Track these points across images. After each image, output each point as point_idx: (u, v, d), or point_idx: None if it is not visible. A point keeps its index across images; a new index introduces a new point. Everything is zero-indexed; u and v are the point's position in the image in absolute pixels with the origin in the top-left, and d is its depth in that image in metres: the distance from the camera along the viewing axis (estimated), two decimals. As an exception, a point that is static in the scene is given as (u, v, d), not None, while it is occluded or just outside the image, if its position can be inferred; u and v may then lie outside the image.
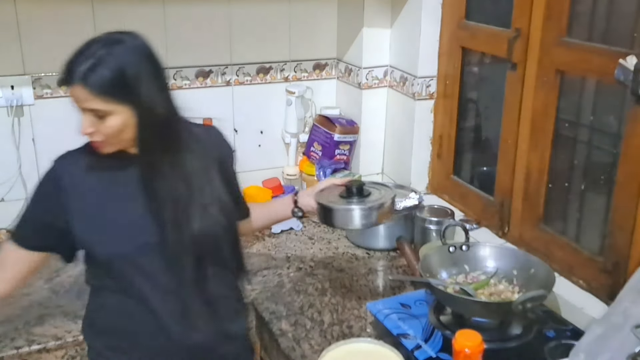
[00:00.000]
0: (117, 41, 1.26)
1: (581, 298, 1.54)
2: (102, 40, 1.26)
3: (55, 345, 1.59)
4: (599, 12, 1.64)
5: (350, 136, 2.34)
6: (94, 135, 1.29)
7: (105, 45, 1.24)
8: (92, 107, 1.24)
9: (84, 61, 1.22)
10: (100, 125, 1.27)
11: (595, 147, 1.68)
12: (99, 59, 1.22)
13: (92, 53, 1.23)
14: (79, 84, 1.22)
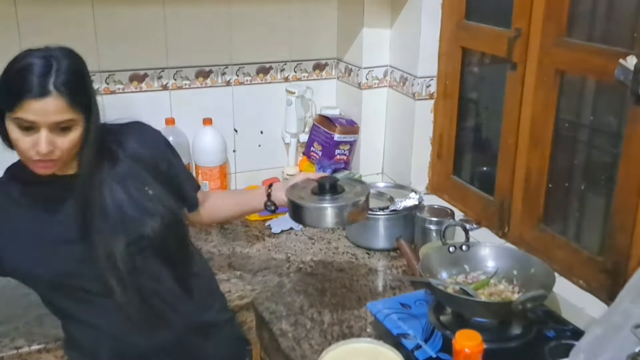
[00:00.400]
0: (68, 52, 1.27)
1: (581, 298, 1.54)
2: (54, 52, 1.24)
3: (55, 345, 1.59)
4: (599, 12, 1.64)
5: (350, 136, 2.34)
6: (51, 153, 1.23)
7: (66, 57, 1.25)
8: (63, 119, 1.21)
9: (52, 72, 1.20)
10: (60, 140, 1.23)
11: (595, 147, 1.68)
12: (66, 69, 1.22)
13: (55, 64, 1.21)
14: (56, 94, 1.19)
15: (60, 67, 1.21)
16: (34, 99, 1.18)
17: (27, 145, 1.21)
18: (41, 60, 1.21)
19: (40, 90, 1.18)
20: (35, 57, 1.22)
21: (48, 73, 1.19)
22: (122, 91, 2.14)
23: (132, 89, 2.16)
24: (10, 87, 1.20)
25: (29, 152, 1.22)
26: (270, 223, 2.18)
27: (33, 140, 1.21)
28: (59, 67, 1.21)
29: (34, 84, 1.18)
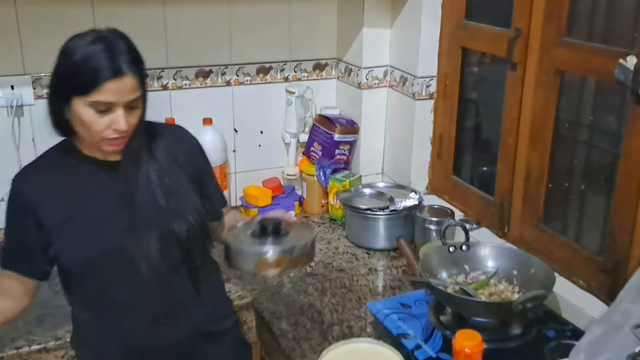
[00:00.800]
0: (118, 32, 1.30)
1: (581, 298, 1.54)
2: (107, 34, 1.28)
3: (55, 345, 1.59)
4: (599, 12, 1.64)
5: (350, 136, 2.34)
6: (126, 130, 1.28)
7: (121, 37, 1.28)
8: (135, 96, 1.27)
9: (118, 53, 1.24)
10: (130, 118, 1.28)
11: (595, 147, 1.68)
12: (127, 48, 1.26)
13: (120, 45, 1.26)
14: (130, 73, 1.24)
15: (121, 47, 1.25)
16: (111, 80, 1.22)
17: (103, 125, 1.26)
18: (101, 44, 1.24)
19: (115, 71, 1.22)
20: (92, 42, 1.24)
21: (116, 54, 1.23)
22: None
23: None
24: (81, 75, 1.23)
25: (105, 132, 1.27)
26: (270, 223, 2.18)
27: (109, 120, 1.25)
28: (122, 47, 1.25)
29: (108, 65, 1.22)
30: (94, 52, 1.23)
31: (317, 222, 2.26)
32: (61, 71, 1.27)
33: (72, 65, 1.24)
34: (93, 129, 1.27)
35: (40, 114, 2.04)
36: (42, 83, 2.05)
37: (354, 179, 2.23)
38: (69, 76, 1.25)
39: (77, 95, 1.24)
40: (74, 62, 1.24)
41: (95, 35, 1.26)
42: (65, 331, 1.62)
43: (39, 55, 2.02)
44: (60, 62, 1.27)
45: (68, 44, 1.26)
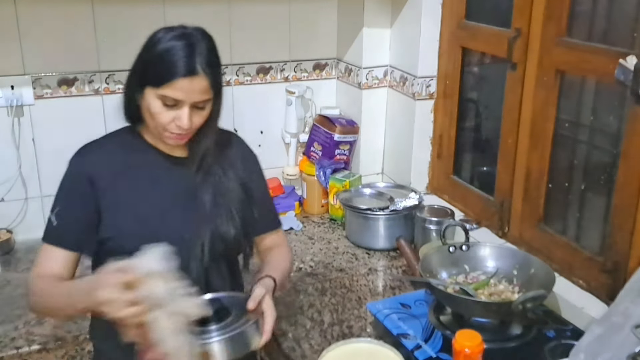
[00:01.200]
0: (203, 32, 1.31)
1: (581, 298, 1.54)
2: (192, 32, 1.29)
3: (55, 345, 1.59)
4: (599, 12, 1.64)
5: (350, 136, 2.34)
6: (189, 128, 1.30)
7: (204, 38, 1.29)
8: (204, 98, 1.28)
9: (197, 53, 1.25)
10: (195, 117, 1.30)
11: (595, 147, 1.68)
12: (207, 49, 1.27)
13: (197, 45, 1.26)
14: (202, 74, 1.25)
15: (202, 48, 1.27)
16: (184, 78, 1.24)
17: (168, 119, 1.28)
18: (183, 41, 1.26)
19: (189, 70, 1.24)
20: (176, 37, 1.26)
21: (194, 53, 1.25)
22: (122, 91, 2.13)
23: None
24: (157, 66, 1.26)
25: (169, 125, 1.29)
26: (270, 223, 2.18)
27: (175, 115, 1.27)
28: (202, 47, 1.27)
29: (183, 63, 1.24)
30: (174, 47, 1.25)
31: (317, 222, 2.26)
32: (142, 59, 1.30)
33: (152, 55, 1.27)
34: (158, 121, 1.29)
35: (40, 114, 2.07)
36: (42, 83, 2.05)
37: (354, 179, 2.23)
38: (147, 65, 1.28)
39: (150, 85, 1.27)
40: (154, 53, 1.27)
41: (181, 31, 1.28)
42: (65, 331, 1.62)
43: (39, 55, 2.02)
44: (144, 50, 1.30)
45: (155, 35, 1.29)
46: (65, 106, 2.09)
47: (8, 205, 2.10)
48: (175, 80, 1.24)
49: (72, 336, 1.61)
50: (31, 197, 2.12)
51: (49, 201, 2.11)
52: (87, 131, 2.13)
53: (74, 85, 2.08)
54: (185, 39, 1.26)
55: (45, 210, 2.14)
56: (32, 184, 2.11)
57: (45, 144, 2.10)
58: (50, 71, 2.05)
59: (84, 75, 2.09)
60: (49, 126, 2.08)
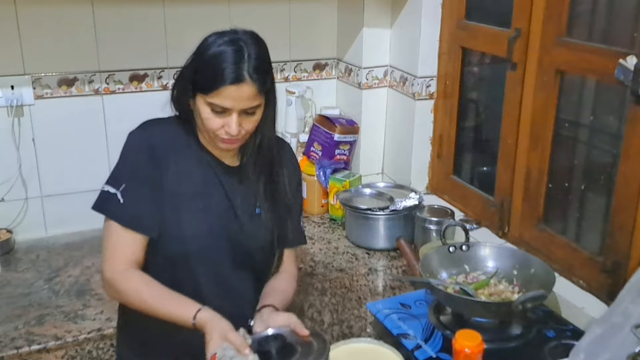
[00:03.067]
0: (255, 37, 1.31)
1: (581, 298, 1.54)
2: (242, 37, 1.29)
3: (55, 345, 1.59)
4: (599, 12, 1.64)
5: (350, 136, 2.34)
6: (239, 133, 1.30)
7: (254, 43, 1.29)
8: (253, 104, 1.28)
9: (245, 59, 1.25)
10: (246, 122, 1.30)
11: (595, 147, 1.68)
12: (256, 55, 1.27)
13: (246, 51, 1.26)
14: (250, 81, 1.25)
15: (251, 54, 1.26)
16: (230, 85, 1.24)
17: (217, 125, 1.29)
18: (233, 47, 1.26)
19: (236, 77, 1.24)
20: (226, 43, 1.26)
21: (241, 60, 1.25)
22: (122, 91, 2.14)
23: (132, 89, 2.16)
24: (205, 73, 1.26)
25: (218, 131, 1.30)
26: (270, 223, 2.18)
27: (223, 122, 1.28)
28: (250, 53, 1.26)
29: (232, 71, 1.24)
30: (222, 53, 1.25)
31: (317, 222, 2.26)
32: (193, 64, 1.30)
33: (201, 62, 1.28)
34: (208, 126, 1.29)
35: (40, 114, 2.07)
36: (42, 83, 2.05)
37: (354, 179, 2.23)
38: (197, 72, 1.28)
39: (199, 91, 1.27)
40: (203, 60, 1.27)
41: (231, 37, 1.28)
42: (65, 331, 1.62)
43: (39, 55, 2.02)
44: (195, 54, 1.30)
45: (206, 40, 1.29)
46: (65, 106, 2.09)
47: (8, 205, 2.10)
48: (223, 88, 1.24)
49: (72, 336, 1.61)
50: (31, 197, 2.12)
51: (49, 201, 2.14)
52: (87, 131, 2.15)
53: (74, 85, 2.09)
54: (234, 45, 1.26)
55: (46, 210, 2.15)
56: (32, 184, 2.11)
57: (45, 144, 2.10)
58: (50, 71, 2.05)
59: (84, 75, 2.09)
60: (49, 126, 2.08)
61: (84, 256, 2.03)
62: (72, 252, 2.06)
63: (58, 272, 1.93)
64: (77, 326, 1.65)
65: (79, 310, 1.72)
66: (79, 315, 1.70)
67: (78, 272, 1.93)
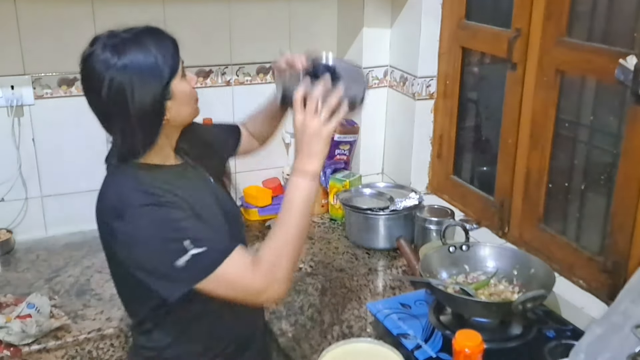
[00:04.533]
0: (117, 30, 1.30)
1: (581, 298, 1.54)
2: (129, 30, 1.27)
3: (55, 345, 1.59)
4: (599, 12, 1.64)
5: (350, 136, 2.34)
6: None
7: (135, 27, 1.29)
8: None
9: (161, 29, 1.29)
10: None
11: (595, 147, 1.68)
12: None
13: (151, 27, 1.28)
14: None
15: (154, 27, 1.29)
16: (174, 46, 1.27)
17: (192, 89, 1.30)
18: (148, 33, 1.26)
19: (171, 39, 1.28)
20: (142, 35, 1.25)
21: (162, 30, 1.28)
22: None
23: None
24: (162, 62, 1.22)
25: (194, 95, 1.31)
26: (270, 223, 2.18)
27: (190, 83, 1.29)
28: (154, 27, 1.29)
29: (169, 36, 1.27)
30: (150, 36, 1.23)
31: (317, 222, 2.27)
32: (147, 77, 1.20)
33: (154, 60, 1.20)
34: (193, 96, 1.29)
35: (40, 114, 2.07)
36: (42, 83, 2.05)
37: (354, 179, 2.23)
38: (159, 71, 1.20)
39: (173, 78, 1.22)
40: (154, 57, 1.20)
41: (112, 34, 1.26)
42: (65, 331, 1.62)
43: (39, 55, 2.02)
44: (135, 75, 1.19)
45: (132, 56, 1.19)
46: (65, 106, 2.09)
47: (8, 205, 2.10)
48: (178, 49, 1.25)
49: (72, 336, 1.61)
50: (31, 197, 2.12)
51: (49, 201, 2.14)
52: (87, 131, 2.14)
53: (74, 85, 2.09)
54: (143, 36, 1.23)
55: (46, 210, 2.15)
56: (32, 184, 2.11)
57: (45, 144, 2.10)
58: (50, 71, 2.05)
59: (84, 75, 2.09)
60: (49, 126, 2.08)
61: (84, 256, 2.03)
62: (72, 252, 2.06)
63: (58, 272, 1.93)
64: (77, 326, 1.65)
65: (79, 310, 1.72)
66: (79, 315, 1.70)
67: (78, 272, 1.93)
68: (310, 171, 1.24)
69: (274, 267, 1.21)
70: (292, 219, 1.24)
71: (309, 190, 1.25)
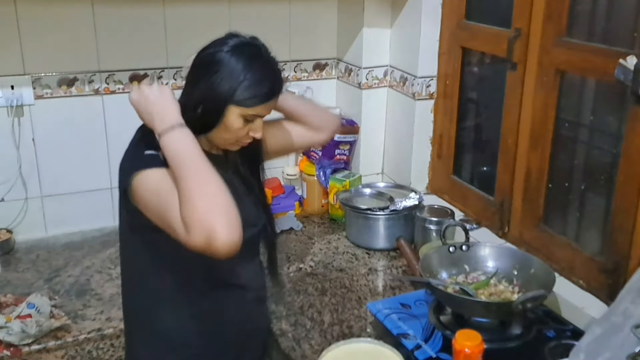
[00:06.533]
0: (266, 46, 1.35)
1: (581, 298, 1.54)
2: (264, 46, 1.33)
3: (55, 345, 1.59)
4: (599, 12, 1.64)
5: (350, 136, 2.34)
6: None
7: (268, 51, 1.33)
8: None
9: (279, 70, 1.33)
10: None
11: (595, 147, 1.68)
12: (277, 63, 1.34)
13: (274, 60, 1.33)
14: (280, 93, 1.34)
15: (276, 63, 1.33)
16: (273, 98, 1.32)
17: (244, 132, 1.33)
18: (265, 59, 1.30)
19: (277, 90, 1.32)
20: (258, 55, 1.30)
21: (277, 71, 1.32)
22: (122, 91, 2.14)
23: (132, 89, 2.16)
24: (250, 89, 1.27)
25: (243, 138, 1.34)
26: (270, 223, 2.18)
27: (248, 129, 1.32)
28: (276, 63, 1.33)
29: (272, 85, 1.30)
30: (263, 68, 1.28)
31: (317, 222, 2.26)
32: (222, 77, 1.27)
33: (244, 77, 1.26)
34: (235, 135, 1.32)
35: (40, 114, 2.07)
36: (42, 83, 2.05)
37: (354, 179, 2.23)
38: (234, 85, 1.26)
39: (236, 105, 1.27)
40: (246, 76, 1.26)
41: (254, 49, 1.30)
42: (65, 331, 1.62)
43: (39, 55, 2.02)
44: (226, 69, 1.27)
45: (226, 53, 1.28)
46: (65, 106, 2.09)
47: (8, 205, 2.10)
48: (268, 102, 1.29)
49: (72, 336, 1.61)
50: (31, 197, 2.12)
51: (49, 201, 2.14)
52: (87, 131, 2.15)
53: (74, 85, 2.09)
54: (265, 57, 1.30)
55: (46, 210, 2.15)
56: (32, 184, 2.11)
57: (45, 144, 2.10)
58: (50, 71, 2.05)
59: (84, 75, 2.09)
60: (49, 126, 2.08)
61: (84, 256, 2.03)
62: (72, 252, 2.06)
63: (58, 272, 1.93)
64: (77, 326, 1.65)
65: (79, 310, 1.72)
66: (79, 315, 1.70)
67: (78, 272, 1.93)
68: (170, 122, 1.22)
69: (199, 224, 1.11)
70: (190, 170, 1.16)
71: (184, 137, 1.21)
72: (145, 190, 1.22)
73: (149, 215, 1.23)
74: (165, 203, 1.17)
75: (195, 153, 1.20)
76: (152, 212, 1.22)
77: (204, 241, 1.10)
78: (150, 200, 1.22)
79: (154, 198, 1.21)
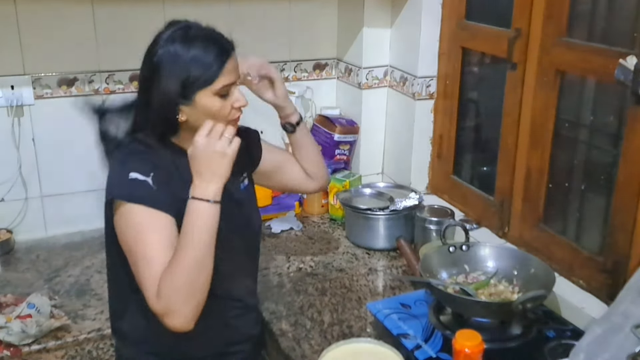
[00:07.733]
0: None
1: (581, 298, 1.54)
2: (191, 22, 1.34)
3: (55, 345, 1.59)
4: (599, 12, 1.64)
5: (350, 136, 2.34)
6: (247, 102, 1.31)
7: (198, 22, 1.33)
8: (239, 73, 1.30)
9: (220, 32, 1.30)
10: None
11: (595, 147, 1.68)
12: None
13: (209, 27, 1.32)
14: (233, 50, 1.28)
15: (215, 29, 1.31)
16: (228, 60, 1.25)
17: (227, 109, 1.28)
18: (204, 31, 1.30)
19: (227, 49, 1.26)
20: (193, 34, 1.28)
21: (220, 34, 1.29)
22: (122, 91, 2.14)
23: (132, 89, 2.16)
24: (201, 67, 1.23)
25: (231, 114, 1.29)
26: (270, 223, 2.18)
27: (229, 102, 1.28)
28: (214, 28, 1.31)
29: (221, 48, 1.25)
30: (201, 39, 1.25)
31: (317, 222, 2.26)
32: (172, 75, 1.24)
33: (189, 60, 1.23)
34: (221, 116, 1.26)
35: (40, 114, 2.07)
36: (42, 83, 2.05)
37: (354, 179, 2.23)
38: (187, 74, 1.23)
39: (200, 89, 1.24)
40: (191, 57, 1.23)
41: (184, 29, 1.29)
42: (65, 331, 1.62)
43: (39, 55, 2.02)
44: (167, 66, 1.25)
45: (184, 35, 1.27)
46: (65, 106, 2.08)
47: (8, 205, 2.10)
48: (225, 68, 1.24)
49: (72, 336, 1.61)
50: (31, 197, 2.12)
51: (49, 201, 2.14)
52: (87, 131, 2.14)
53: (74, 85, 2.09)
54: (197, 31, 1.28)
55: (46, 210, 2.15)
56: (32, 184, 2.11)
57: (45, 144, 2.10)
58: (50, 71, 2.05)
59: (84, 75, 2.09)
60: (49, 126, 2.08)
61: (84, 256, 2.03)
62: (72, 252, 2.06)
63: (58, 272, 1.93)
64: (77, 326, 1.65)
65: (79, 310, 1.72)
66: (79, 315, 1.70)
67: (78, 272, 1.93)
68: (212, 193, 1.19)
69: (169, 300, 1.15)
70: (190, 250, 1.16)
71: (211, 215, 1.19)
72: (126, 226, 1.22)
73: (123, 247, 1.24)
74: (142, 254, 1.18)
75: (211, 235, 1.19)
76: (126, 249, 1.23)
77: (162, 312, 1.16)
78: (128, 239, 1.22)
79: (131, 240, 1.21)
